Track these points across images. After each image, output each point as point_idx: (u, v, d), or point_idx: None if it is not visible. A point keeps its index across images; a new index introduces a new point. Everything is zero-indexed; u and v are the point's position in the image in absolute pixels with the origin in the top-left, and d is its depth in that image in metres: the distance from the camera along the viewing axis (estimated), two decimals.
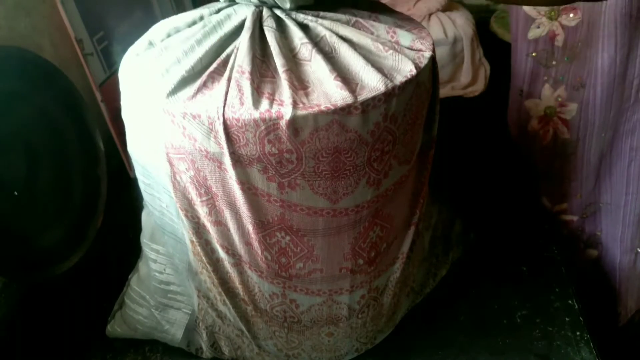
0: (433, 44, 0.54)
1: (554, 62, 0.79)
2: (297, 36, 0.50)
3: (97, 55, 0.86)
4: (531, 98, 0.90)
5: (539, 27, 0.75)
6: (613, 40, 0.73)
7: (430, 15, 1.19)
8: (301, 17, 0.52)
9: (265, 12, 0.52)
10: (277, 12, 0.52)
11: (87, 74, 0.83)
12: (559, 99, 0.83)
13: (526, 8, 0.79)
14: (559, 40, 0.75)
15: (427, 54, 0.52)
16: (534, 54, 0.82)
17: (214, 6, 0.55)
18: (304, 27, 0.51)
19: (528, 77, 0.90)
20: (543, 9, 0.75)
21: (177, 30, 0.53)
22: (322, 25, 0.51)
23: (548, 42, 0.77)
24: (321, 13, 0.53)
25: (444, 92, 1.17)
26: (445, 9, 1.21)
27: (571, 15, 0.71)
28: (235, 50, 0.49)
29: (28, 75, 0.71)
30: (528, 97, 0.91)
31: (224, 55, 0.49)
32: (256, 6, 0.52)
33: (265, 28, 0.50)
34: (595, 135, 0.83)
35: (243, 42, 0.49)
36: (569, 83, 0.80)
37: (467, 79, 1.17)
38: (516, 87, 0.94)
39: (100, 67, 0.86)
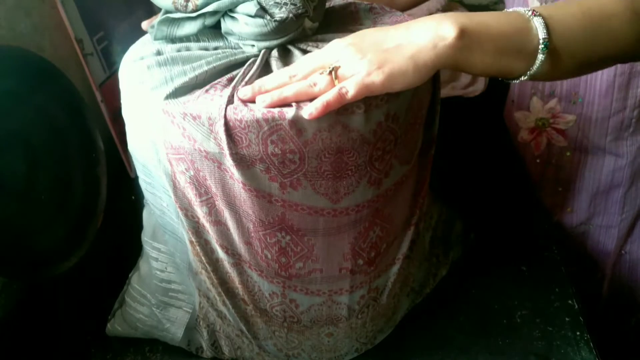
0: None
1: None
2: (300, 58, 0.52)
3: (97, 55, 0.85)
4: (520, 110, 0.90)
5: None
6: (612, 67, 0.72)
7: (430, 15, 1.19)
8: (303, 45, 0.54)
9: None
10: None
11: (87, 74, 0.83)
12: (552, 112, 0.82)
13: None
14: None
15: None
16: None
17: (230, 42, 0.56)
18: (306, 53, 0.53)
19: (517, 89, 0.90)
20: None
21: (188, 49, 0.53)
22: (321, 47, 0.52)
23: None
24: (320, 36, 0.55)
25: (444, 92, 1.17)
26: (446, 9, 1.21)
27: None
28: (241, 72, 0.50)
29: (28, 75, 0.71)
30: (518, 109, 0.91)
31: (229, 75, 0.50)
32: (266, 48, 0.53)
33: (270, 59, 0.52)
34: (591, 151, 0.83)
35: (250, 67, 0.51)
36: (564, 97, 0.80)
37: (467, 79, 1.17)
38: (510, 95, 0.94)
39: (100, 67, 0.86)
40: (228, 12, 0.52)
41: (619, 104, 0.75)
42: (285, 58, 0.53)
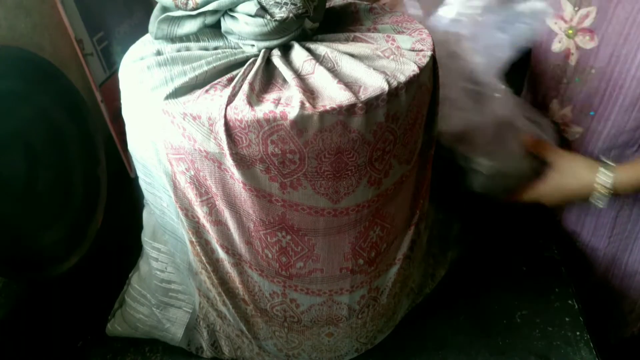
0: (433, 44, 0.54)
1: (565, 80, 0.77)
2: (301, 57, 0.52)
3: (97, 55, 0.85)
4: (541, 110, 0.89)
5: (560, 42, 0.74)
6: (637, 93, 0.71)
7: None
8: (303, 43, 0.54)
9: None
10: None
11: (87, 74, 0.83)
12: (564, 119, 0.82)
13: (549, 22, 0.77)
14: (573, 59, 0.74)
15: (428, 53, 0.52)
16: (551, 67, 0.80)
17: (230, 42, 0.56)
18: (307, 50, 0.53)
19: (536, 90, 0.89)
20: (564, 25, 0.73)
21: (188, 49, 0.53)
22: (322, 46, 0.53)
23: (563, 59, 0.76)
24: (320, 36, 0.55)
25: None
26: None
27: (587, 37, 0.70)
28: (242, 71, 0.50)
29: (28, 75, 0.71)
30: (541, 109, 0.89)
31: (229, 75, 0.50)
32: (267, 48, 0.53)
33: (272, 57, 0.52)
34: None
35: (250, 67, 0.51)
36: (577, 105, 0.79)
37: None
38: (525, 96, 0.92)
39: (100, 67, 0.86)
40: (228, 11, 0.52)
41: (635, 123, 0.74)
42: (287, 56, 0.53)
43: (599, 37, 0.69)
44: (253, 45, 0.53)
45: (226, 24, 0.53)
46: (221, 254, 0.57)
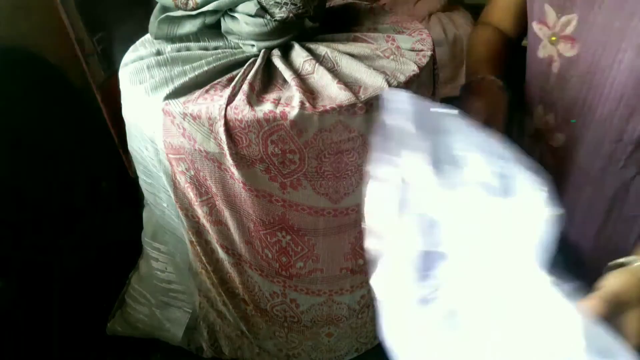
0: (433, 44, 0.54)
1: (548, 87, 0.77)
2: (301, 57, 0.52)
3: (97, 55, 0.86)
4: (526, 115, 0.89)
5: (544, 48, 0.74)
6: (617, 96, 0.70)
7: (430, 15, 1.19)
8: (303, 43, 0.54)
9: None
10: None
11: (87, 74, 0.83)
12: (547, 125, 0.81)
13: (535, 27, 0.77)
14: (555, 66, 0.74)
15: (428, 53, 0.52)
16: (536, 73, 0.80)
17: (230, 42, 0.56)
18: (307, 50, 0.53)
19: (529, 93, 0.88)
20: (547, 32, 0.73)
21: (188, 49, 0.53)
22: (322, 46, 0.53)
23: (547, 66, 0.75)
24: (320, 36, 0.55)
25: (444, 92, 1.16)
26: (445, 9, 1.21)
27: (568, 45, 0.70)
28: (242, 71, 0.50)
29: (28, 75, 0.71)
30: (525, 114, 0.89)
31: (229, 75, 0.50)
32: (267, 48, 0.53)
33: (272, 57, 0.52)
34: (573, 176, 0.80)
35: (250, 67, 0.51)
36: (560, 112, 0.78)
37: None
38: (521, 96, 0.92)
39: (100, 67, 0.86)
40: (228, 11, 0.52)
41: (615, 135, 0.73)
42: (287, 56, 0.53)
43: (579, 45, 0.69)
44: (253, 45, 0.53)
45: (226, 24, 0.53)
46: (221, 254, 0.57)
